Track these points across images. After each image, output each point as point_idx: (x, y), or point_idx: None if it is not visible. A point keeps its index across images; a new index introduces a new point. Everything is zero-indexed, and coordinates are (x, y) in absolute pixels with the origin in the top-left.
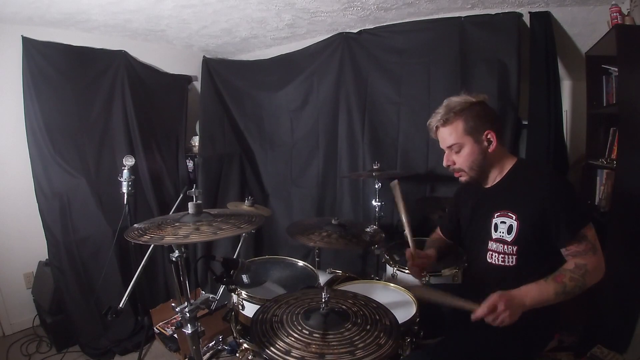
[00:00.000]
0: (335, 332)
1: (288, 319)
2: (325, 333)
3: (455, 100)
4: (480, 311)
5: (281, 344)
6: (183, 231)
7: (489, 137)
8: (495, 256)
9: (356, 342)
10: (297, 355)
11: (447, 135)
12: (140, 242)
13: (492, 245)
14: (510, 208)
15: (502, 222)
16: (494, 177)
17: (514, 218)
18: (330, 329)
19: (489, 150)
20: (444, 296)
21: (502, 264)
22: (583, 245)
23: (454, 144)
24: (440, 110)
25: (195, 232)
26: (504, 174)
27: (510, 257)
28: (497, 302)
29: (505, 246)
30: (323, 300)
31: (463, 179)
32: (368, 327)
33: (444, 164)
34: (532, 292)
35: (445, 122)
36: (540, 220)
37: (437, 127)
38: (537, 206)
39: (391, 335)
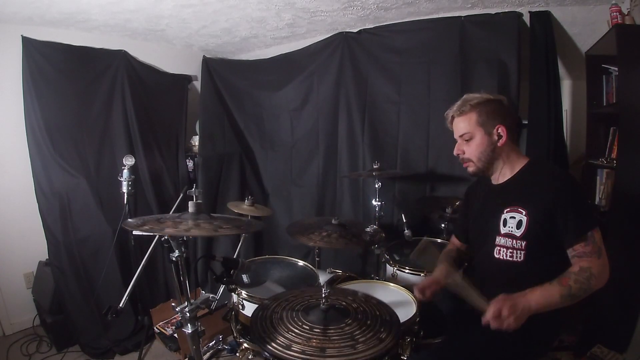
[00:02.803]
0: (335, 327)
1: (288, 316)
2: (325, 328)
3: (474, 95)
4: (485, 318)
5: (282, 339)
6: (183, 226)
7: (499, 131)
8: (503, 251)
9: (357, 337)
10: (297, 350)
11: (461, 125)
12: (140, 232)
13: (500, 240)
14: (521, 204)
15: (511, 217)
16: (505, 174)
17: (523, 213)
18: (331, 324)
19: (499, 144)
20: (468, 290)
21: (510, 259)
22: (589, 247)
23: (465, 132)
24: (458, 102)
25: (195, 228)
26: (515, 172)
27: (518, 252)
28: (501, 308)
29: (514, 241)
30: (323, 295)
31: (470, 169)
32: (369, 322)
33: (455, 152)
34: (537, 296)
35: (461, 112)
36: (550, 217)
37: (452, 117)
38: (547, 203)
39: (392, 330)
